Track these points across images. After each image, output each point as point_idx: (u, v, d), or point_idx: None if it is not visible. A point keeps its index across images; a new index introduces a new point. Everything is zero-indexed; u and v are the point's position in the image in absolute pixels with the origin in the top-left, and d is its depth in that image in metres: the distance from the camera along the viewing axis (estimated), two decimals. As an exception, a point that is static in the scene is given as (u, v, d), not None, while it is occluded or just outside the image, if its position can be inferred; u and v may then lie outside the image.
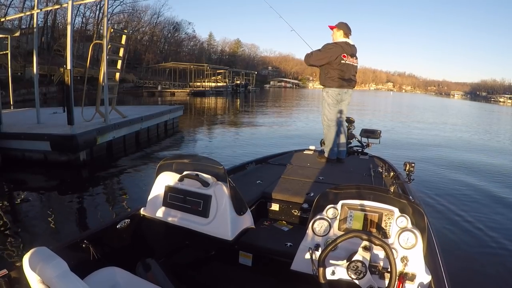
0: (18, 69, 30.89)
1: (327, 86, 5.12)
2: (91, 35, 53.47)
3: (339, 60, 4.92)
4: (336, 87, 5.06)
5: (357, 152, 6.03)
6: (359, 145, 6.19)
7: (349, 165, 4.93)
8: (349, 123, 5.98)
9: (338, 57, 4.90)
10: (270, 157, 5.12)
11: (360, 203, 2.15)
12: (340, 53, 4.90)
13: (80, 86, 11.64)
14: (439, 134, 18.00)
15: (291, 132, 16.04)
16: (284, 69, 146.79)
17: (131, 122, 11.37)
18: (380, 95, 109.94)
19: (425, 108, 46.84)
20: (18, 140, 8.53)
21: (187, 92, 49.87)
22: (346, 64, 4.97)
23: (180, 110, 16.74)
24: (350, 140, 5.97)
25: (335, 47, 4.93)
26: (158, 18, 74.64)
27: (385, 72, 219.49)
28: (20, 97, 22.77)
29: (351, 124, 6.07)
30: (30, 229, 5.37)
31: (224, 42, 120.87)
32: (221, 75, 66.99)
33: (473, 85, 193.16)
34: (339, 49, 4.91)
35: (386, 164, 4.78)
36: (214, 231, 2.41)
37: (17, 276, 1.77)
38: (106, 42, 10.16)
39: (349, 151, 5.78)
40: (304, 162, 4.91)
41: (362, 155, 5.78)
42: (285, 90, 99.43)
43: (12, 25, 39.71)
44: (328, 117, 5.20)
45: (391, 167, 4.47)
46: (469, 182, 8.38)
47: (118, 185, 8.03)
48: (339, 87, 5.06)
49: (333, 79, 5.02)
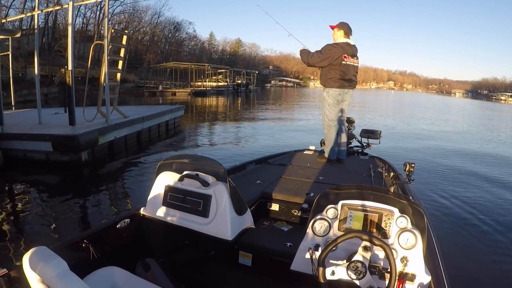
0: (19, 70, 30.89)
1: (327, 86, 5.13)
2: (92, 36, 53.49)
3: (340, 61, 4.92)
4: (336, 88, 5.07)
5: (357, 152, 6.04)
6: (359, 146, 6.19)
7: (349, 165, 4.94)
8: (349, 123, 5.99)
9: (339, 58, 4.91)
10: (270, 157, 5.12)
11: (360, 203, 2.16)
12: (341, 54, 4.90)
13: (81, 87, 11.69)
14: (440, 133, 17.98)
15: (293, 132, 16.01)
16: (285, 69, 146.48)
17: (133, 122, 11.38)
18: (381, 93, 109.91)
19: (426, 107, 46.78)
20: (19, 141, 8.56)
21: (188, 92, 49.75)
22: (347, 65, 4.97)
23: (181, 110, 16.76)
24: (350, 140, 5.98)
25: (335, 48, 4.93)
26: (158, 18, 74.66)
27: (386, 70, 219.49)
28: (22, 98, 22.76)
29: (351, 124, 6.08)
30: (30, 228, 5.40)
31: (225, 42, 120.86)
32: (222, 75, 66.86)
33: (474, 83, 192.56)
34: (339, 50, 4.91)
35: (386, 164, 4.79)
36: (214, 231, 2.42)
37: (17, 276, 1.77)
38: (107, 43, 10.18)
39: (349, 152, 5.78)
40: (304, 162, 4.92)
41: (362, 156, 5.79)
42: (286, 90, 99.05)
43: (13, 26, 39.55)
44: (328, 117, 5.21)
45: (391, 168, 4.48)
46: (469, 182, 8.38)
47: (120, 185, 8.03)
48: (339, 87, 5.07)
49: (334, 79, 5.02)
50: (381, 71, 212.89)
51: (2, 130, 8.67)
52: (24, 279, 1.39)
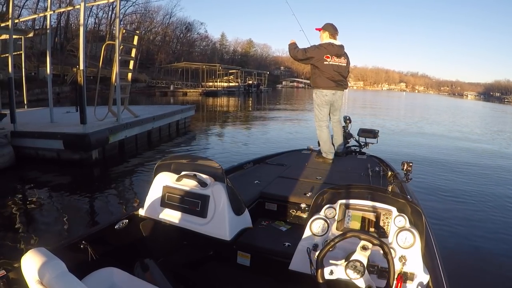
0: (32, 69, 31.30)
1: (315, 87, 5.21)
2: (104, 36, 53.90)
3: (323, 61, 4.99)
4: (323, 88, 5.15)
5: (355, 151, 6.05)
6: (357, 145, 6.20)
7: (347, 164, 4.92)
8: (346, 123, 6.03)
9: (321, 59, 4.98)
10: (268, 157, 5.12)
11: (358, 203, 2.17)
12: (324, 55, 4.97)
13: (93, 86, 11.76)
14: (444, 135, 17.80)
15: (304, 134, 15.93)
16: (296, 69, 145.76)
17: (143, 121, 11.44)
18: (393, 95, 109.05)
19: (438, 109, 46.34)
20: (31, 139, 8.66)
21: (199, 92, 49.92)
22: (330, 65, 5.02)
23: (191, 110, 16.79)
24: (348, 139, 6.00)
25: (318, 49, 5.02)
26: (170, 19, 75.11)
27: (398, 72, 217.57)
28: (34, 97, 22.98)
29: (348, 123, 6.10)
30: (37, 227, 5.44)
31: (236, 42, 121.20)
32: (233, 75, 66.99)
33: (486, 85, 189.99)
34: (322, 50, 5.00)
35: (384, 163, 4.76)
36: (212, 231, 2.43)
37: (15, 277, 1.77)
38: (118, 43, 10.26)
39: (347, 151, 5.81)
40: (302, 162, 4.92)
41: (360, 155, 5.79)
42: (298, 90, 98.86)
43: (26, 26, 40.11)
44: (318, 117, 5.30)
45: (389, 167, 4.47)
46: (469, 182, 8.31)
47: (129, 183, 8.08)
48: (326, 88, 5.14)
49: (321, 80, 5.11)
50: (392, 72, 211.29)
51: (14, 128, 8.77)
52: (23, 281, 1.39)
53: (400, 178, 2.94)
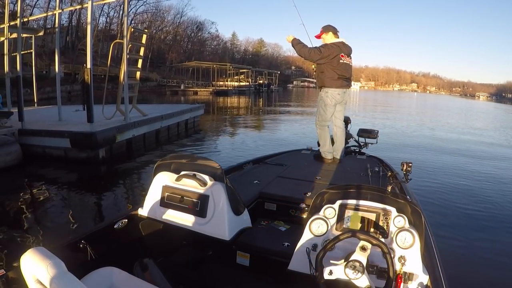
0: (43, 68, 31.69)
1: (327, 86, 5.07)
2: (115, 35, 54.32)
3: (338, 59, 4.90)
4: (336, 87, 5.03)
5: (355, 152, 6.06)
6: (357, 145, 6.20)
7: (347, 165, 4.94)
8: (345, 123, 5.95)
9: (337, 57, 4.89)
10: (267, 157, 5.14)
11: (357, 203, 2.19)
12: (339, 53, 4.89)
13: (103, 84, 11.81)
14: (444, 136, 17.60)
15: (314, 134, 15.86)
16: (308, 69, 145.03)
17: (151, 120, 11.46)
18: (404, 96, 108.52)
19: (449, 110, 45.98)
20: (39, 137, 8.72)
21: (210, 91, 50.15)
22: (344, 64, 4.95)
23: (201, 109, 16.77)
24: (347, 140, 5.96)
25: (333, 48, 4.90)
26: (181, 18, 75.39)
27: (409, 72, 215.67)
28: (45, 95, 23.25)
29: (347, 123, 6.04)
30: (43, 224, 5.46)
31: (247, 42, 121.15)
32: (244, 75, 67.22)
33: (498, 86, 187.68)
34: (337, 49, 4.91)
35: (384, 164, 4.79)
36: (211, 231, 2.44)
37: (14, 277, 1.79)
38: (126, 41, 10.28)
39: (347, 151, 5.79)
40: (302, 162, 4.94)
41: (360, 155, 5.78)
42: (309, 90, 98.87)
43: (38, 25, 40.76)
44: (322, 117, 5.21)
45: (388, 167, 4.52)
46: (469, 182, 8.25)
47: (136, 182, 8.09)
48: (339, 87, 5.04)
49: (334, 79, 4.98)
50: (404, 72, 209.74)
51: (22, 126, 8.84)
52: (22, 280, 1.39)
53: (399, 178, 2.93)
